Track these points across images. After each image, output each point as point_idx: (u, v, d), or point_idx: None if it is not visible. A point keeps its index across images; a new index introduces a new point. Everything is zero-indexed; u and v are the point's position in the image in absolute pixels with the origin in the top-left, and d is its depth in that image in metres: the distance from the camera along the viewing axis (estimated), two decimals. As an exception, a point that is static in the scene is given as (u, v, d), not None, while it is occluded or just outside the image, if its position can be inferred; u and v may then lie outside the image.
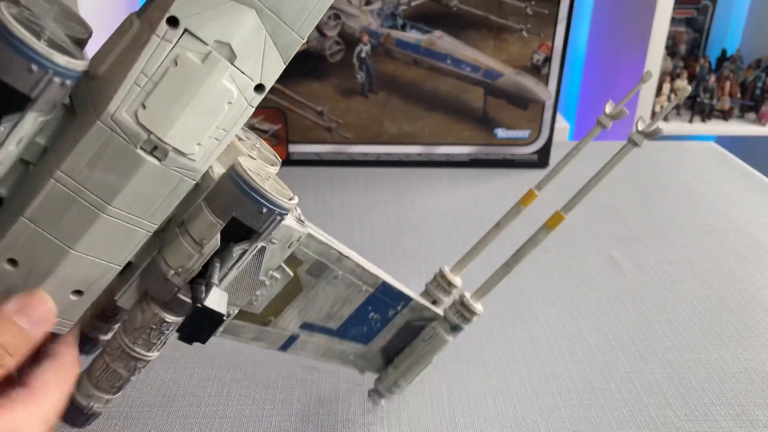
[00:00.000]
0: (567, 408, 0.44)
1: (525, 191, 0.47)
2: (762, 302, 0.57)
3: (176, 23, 0.23)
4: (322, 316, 0.38)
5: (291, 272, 0.33)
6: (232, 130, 0.26)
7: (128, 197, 0.25)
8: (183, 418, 0.43)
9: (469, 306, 0.41)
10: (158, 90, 0.24)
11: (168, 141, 0.24)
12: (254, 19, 0.24)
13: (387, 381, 0.43)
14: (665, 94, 1.67)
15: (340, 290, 0.37)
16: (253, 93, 0.25)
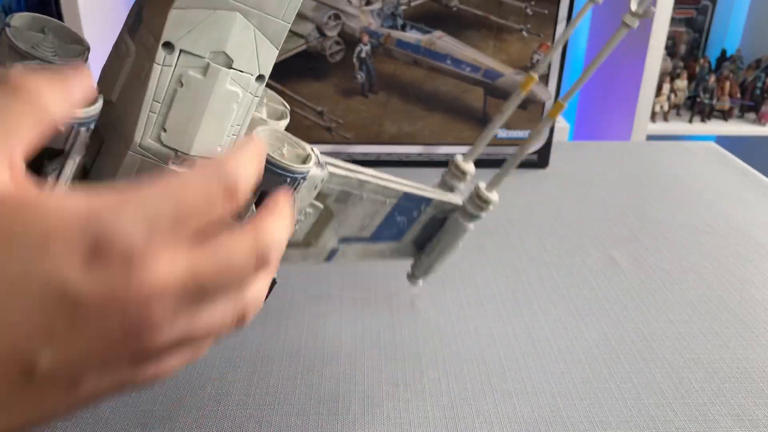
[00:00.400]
0: (567, 408, 0.44)
1: (525, 191, 0.47)
2: (762, 302, 0.57)
3: (172, 47, 0.25)
4: (355, 229, 0.43)
5: (321, 205, 0.38)
6: (245, 122, 0.29)
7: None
8: (183, 418, 0.43)
9: (484, 197, 0.46)
10: (173, 112, 0.27)
11: (193, 154, 0.27)
12: (240, 21, 0.26)
13: (421, 266, 0.50)
14: (665, 94, 1.67)
15: (367, 208, 0.42)
16: (256, 84, 0.28)
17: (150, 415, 0.43)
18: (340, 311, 0.55)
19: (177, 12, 0.24)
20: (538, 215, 0.72)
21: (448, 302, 0.56)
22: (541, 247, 0.66)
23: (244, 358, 0.49)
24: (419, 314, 0.54)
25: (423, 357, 0.49)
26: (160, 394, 0.45)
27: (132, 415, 0.43)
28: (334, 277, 0.60)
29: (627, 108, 1.61)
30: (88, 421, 0.43)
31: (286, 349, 0.50)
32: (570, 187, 0.80)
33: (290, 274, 0.60)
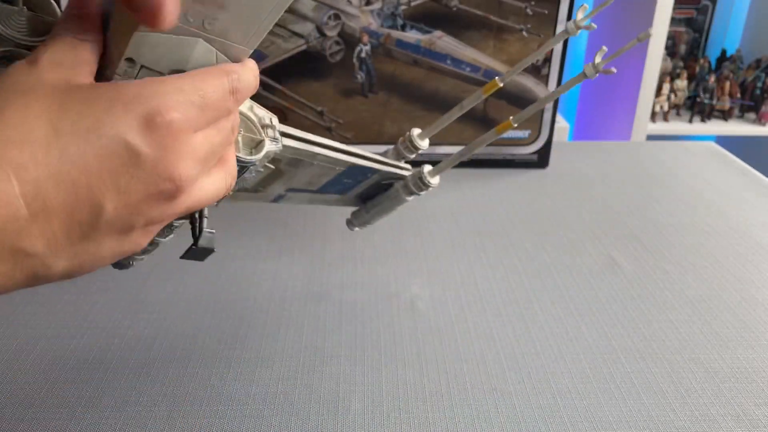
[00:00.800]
0: (567, 408, 0.44)
1: (525, 191, 0.47)
2: (762, 302, 0.57)
3: (133, 62, 0.27)
4: (303, 184, 0.46)
5: (273, 166, 0.41)
6: None
7: None
8: (182, 418, 0.43)
9: (425, 180, 0.51)
10: None
11: None
12: (202, 45, 0.27)
13: (360, 218, 0.55)
14: (665, 94, 1.67)
15: (316, 170, 0.45)
16: None
17: (150, 415, 0.43)
18: (340, 311, 0.55)
19: (139, 35, 0.26)
20: (538, 215, 0.72)
21: (448, 302, 0.56)
22: (541, 247, 0.66)
23: (244, 358, 0.49)
24: (419, 314, 0.54)
25: (423, 357, 0.49)
26: (160, 394, 0.45)
27: (132, 415, 0.43)
28: (334, 276, 0.60)
29: (627, 108, 1.61)
30: (88, 421, 0.43)
31: (285, 350, 0.50)
32: (570, 187, 0.80)
33: (290, 274, 0.60)
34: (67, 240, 0.25)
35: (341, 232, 0.68)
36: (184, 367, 0.48)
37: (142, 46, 0.27)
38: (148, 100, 0.25)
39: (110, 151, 0.25)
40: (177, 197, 0.28)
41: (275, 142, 0.37)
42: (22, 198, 0.23)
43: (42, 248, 0.25)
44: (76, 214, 0.25)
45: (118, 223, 0.26)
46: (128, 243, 0.28)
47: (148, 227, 0.28)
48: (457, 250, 0.65)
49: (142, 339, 0.51)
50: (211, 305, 0.55)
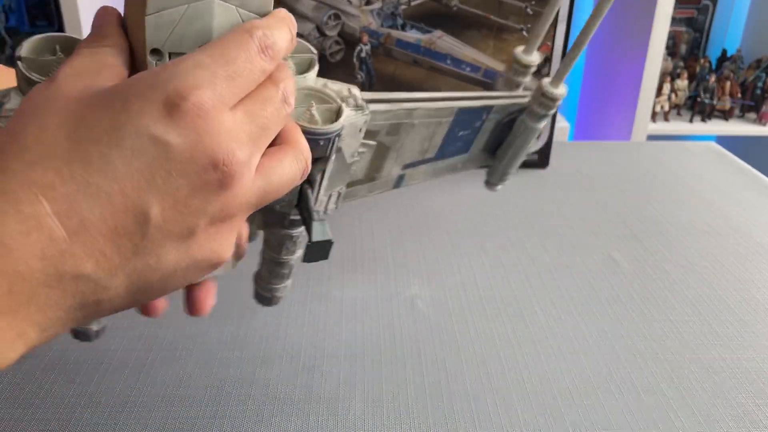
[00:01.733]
0: (567, 408, 0.44)
1: (525, 191, 0.47)
2: (762, 302, 0.57)
3: (159, 52, 0.25)
4: (417, 154, 0.42)
5: (373, 142, 0.38)
6: None
7: None
8: (183, 418, 0.43)
9: (550, 94, 0.43)
10: None
11: None
12: (219, 5, 0.25)
13: (496, 173, 0.49)
14: (665, 94, 1.67)
15: (422, 132, 0.40)
16: None
17: (150, 415, 0.43)
18: (340, 311, 0.55)
19: (151, 18, 0.25)
20: (538, 215, 0.72)
21: (448, 302, 0.56)
22: (541, 247, 0.66)
23: (244, 358, 0.49)
24: (419, 314, 0.54)
25: (423, 357, 0.49)
26: (160, 394, 0.45)
27: (132, 415, 0.43)
28: (334, 276, 0.60)
29: (627, 108, 1.61)
30: (88, 421, 0.43)
31: (286, 349, 0.50)
32: (570, 187, 0.80)
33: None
34: (119, 256, 0.23)
35: (341, 231, 0.68)
36: (184, 367, 0.48)
37: (159, 31, 0.25)
38: (166, 84, 0.23)
39: (135, 149, 0.22)
40: (231, 185, 0.24)
41: (360, 110, 0.34)
42: (56, 217, 0.21)
43: (92, 269, 0.22)
44: (120, 226, 0.23)
45: (172, 228, 0.24)
46: (197, 249, 0.25)
47: (215, 226, 0.25)
48: (457, 250, 0.65)
49: (142, 339, 0.51)
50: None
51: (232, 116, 0.24)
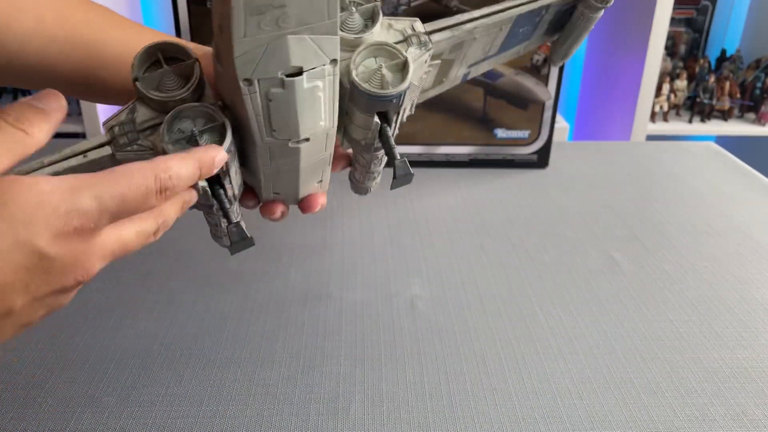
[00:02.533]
0: (567, 408, 0.44)
1: (525, 191, 0.47)
2: (761, 302, 0.57)
3: (249, 80, 0.29)
4: (480, 55, 0.45)
5: (438, 61, 0.41)
6: (335, 93, 0.34)
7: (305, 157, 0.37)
8: (183, 417, 0.43)
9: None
10: (273, 118, 0.32)
11: (302, 137, 0.34)
12: (292, 39, 0.28)
13: (557, 55, 0.52)
14: (665, 94, 1.67)
15: (483, 41, 0.43)
16: (330, 67, 0.31)
17: (150, 415, 0.43)
18: (340, 311, 0.55)
19: (239, 59, 0.28)
20: (538, 215, 0.72)
21: (448, 302, 0.56)
22: (541, 247, 0.66)
23: (244, 358, 0.49)
24: (419, 314, 0.54)
25: (423, 357, 0.49)
26: (160, 394, 0.45)
27: (132, 415, 0.43)
28: (334, 276, 0.60)
29: (627, 108, 1.61)
30: (88, 421, 0.43)
31: (286, 349, 0.50)
32: (570, 187, 0.80)
33: (290, 274, 0.60)
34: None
35: (342, 231, 0.68)
36: (184, 367, 0.48)
37: (246, 66, 0.29)
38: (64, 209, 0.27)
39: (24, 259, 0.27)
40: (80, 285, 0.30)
41: (424, 46, 0.38)
42: None
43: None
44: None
45: (24, 318, 0.29)
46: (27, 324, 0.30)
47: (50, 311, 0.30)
48: (457, 250, 0.65)
49: (142, 339, 0.51)
50: (211, 305, 0.55)
51: (107, 238, 0.30)
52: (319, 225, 0.69)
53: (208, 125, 0.33)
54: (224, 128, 0.34)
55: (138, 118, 0.34)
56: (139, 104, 0.34)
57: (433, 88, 0.45)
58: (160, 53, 0.34)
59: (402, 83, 0.35)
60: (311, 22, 0.28)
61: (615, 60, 1.67)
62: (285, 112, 0.32)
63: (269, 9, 0.26)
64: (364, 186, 0.50)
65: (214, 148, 0.33)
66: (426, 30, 0.39)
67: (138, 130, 0.34)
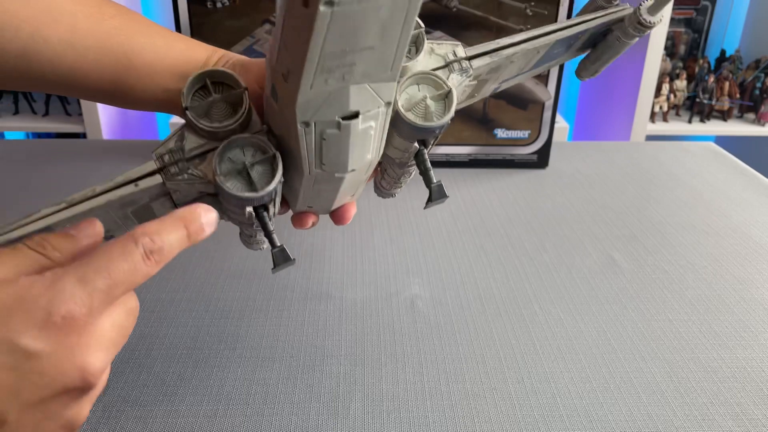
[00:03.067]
0: (567, 408, 0.45)
1: (525, 191, 0.47)
2: (761, 302, 0.57)
3: (308, 123, 0.30)
4: (514, 72, 0.46)
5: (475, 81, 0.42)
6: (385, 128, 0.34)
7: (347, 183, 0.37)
8: (183, 417, 0.43)
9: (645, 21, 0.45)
10: (324, 154, 0.33)
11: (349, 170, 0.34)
12: (354, 89, 0.29)
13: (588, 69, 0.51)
14: (664, 94, 1.67)
15: (520, 62, 0.44)
16: (385, 110, 0.32)
17: (150, 415, 0.43)
18: (341, 310, 0.55)
19: (300, 104, 0.28)
20: (538, 215, 0.72)
21: (448, 302, 0.56)
22: (541, 247, 0.66)
23: (244, 358, 0.49)
24: (419, 314, 0.54)
25: (423, 357, 0.49)
26: (161, 394, 0.45)
27: (132, 415, 0.43)
28: (334, 276, 0.60)
29: (626, 108, 1.61)
30: (89, 420, 0.43)
31: (286, 349, 0.50)
32: (570, 187, 0.80)
33: (290, 274, 0.60)
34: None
35: (342, 231, 0.68)
36: (184, 367, 0.48)
37: (306, 112, 0.29)
38: (47, 302, 0.25)
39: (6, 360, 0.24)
40: (89, 390, 0.26)
41: (465, 72, 0.38)
42: None
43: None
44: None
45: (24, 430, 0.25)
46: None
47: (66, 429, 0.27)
48: (457, 250, 0.65)
49: (143, 339, 0.51)
50: (211, 305, 0.55)
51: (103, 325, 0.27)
52: (319, 225, 0.69)
53: (259, 158, 0.34)
54: (275, 159, 0.34)
55: (187, 146, 0.34)
56: (188, 131, 0.34)
57: (464, 102, 0.46)
58: (208, 79, 0.34)
59: (446, 115, 0.35)
60: (374, 75, 0.29)
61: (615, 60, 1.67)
62: (336, 149, 0.32)
63: (340, 67, 0.27)
64: (390, 192, 0.50)
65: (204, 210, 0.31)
66: (467, 55, 0.39)
67: (187, 158, 0.34)
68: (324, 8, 0.23)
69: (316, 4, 0.23)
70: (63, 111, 1.57)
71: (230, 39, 0.76)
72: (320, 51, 0.25)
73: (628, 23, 0.45)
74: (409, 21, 0.26)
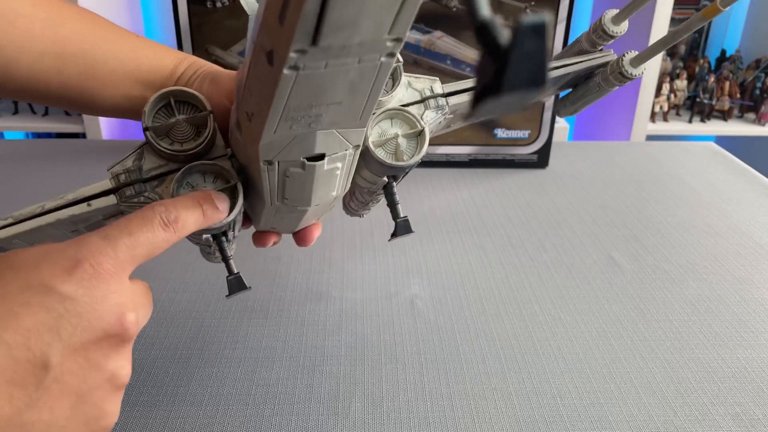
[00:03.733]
0: (567, 408, 0.44)
1: (525, 191, 0.47)
2: (761, 302, 0.57)
3: (271, 162, 0.29)
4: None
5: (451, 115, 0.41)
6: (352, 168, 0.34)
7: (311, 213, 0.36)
8: (183, 417, 0.43)
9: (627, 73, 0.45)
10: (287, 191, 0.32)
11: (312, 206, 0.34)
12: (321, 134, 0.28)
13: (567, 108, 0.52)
14: (665, 94, 1.67)
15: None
16: (353, 151, 0.31)
17: (150, 415, 0.43)
18: (341, 311, 0.55)
19: (263, 146, 0.28)
20: (538, 215, 0.72)
21: (448, 302, 0.56)
22: (541, 247, 0.66)
23: (244, 358, 0.49)
24: (419, 314, 0.54)
25: (423, 357, 0.49)
26: (161, 394, 0.45)
27: (132, 415, 0.43)
28: (334, 276, 0.60)
29: (626, 108, 1.61)
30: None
31: (286, 349, 0.50)
32: (570, 187, 0.80)
33: (290, 274, 0.60)
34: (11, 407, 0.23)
35: (341, 232, 0.68)
36: (184, 367, 0.48)
37: (269, 151, 0.28)
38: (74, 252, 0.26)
39: (43, 305, 0.24)
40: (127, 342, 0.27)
41: (441, 110, 0.38)
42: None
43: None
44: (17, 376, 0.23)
45: (70, 380, 0.25)
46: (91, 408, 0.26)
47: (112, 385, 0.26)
48: (457, 250, 0.65)
49: (142, 339, 0.51)
50: (211, 305, 0.55)
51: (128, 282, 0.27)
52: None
53: (220, 186, 0.33)
54: (236, 189, 0.33)
55: (145, 166, 0.33)
56: (147, 151, 0.33)
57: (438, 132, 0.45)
58: (172, 98, 0.33)
59: (416, 154, 0.35)
60: (342, 123, 0.28)
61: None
62: (300, 187, 0.32)
63: (306, 117, 0.26)
64: (358, 213, 0.50)
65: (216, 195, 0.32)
66: (444, 92, 0.38)
67: (144, 179, 0.33)
68: (288, 72, 0.22)
69: (280, 67, 0.21)
70: (63, 111, 1.57)
71: (229, 39, 0.76)
72: (284, 104, 0.24)
73: (610, 71, 0.45)
74: (380, 79, 0.25)
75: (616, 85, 0.46)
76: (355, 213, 0.50)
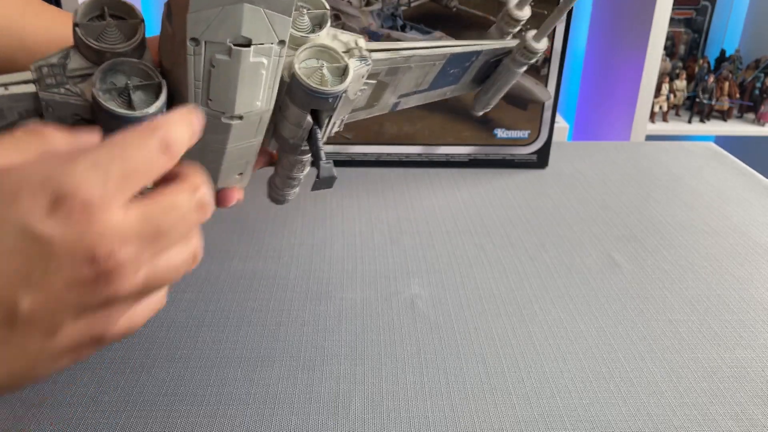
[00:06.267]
0: (567, 408, 0.45)
1: (525, 191, 0.48)
2: (761, 302, 0.57)
3: (197, 40, 0.29)
4: (412, 87, 0.48)
5: (374, 81, 0.44)
6: (277, 76, 0.34)
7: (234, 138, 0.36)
8: (183, 417, 0.43)
9: (531, 48, 0.49)
10: (212, 87, 0.32)
11: (236, 113, 0.34)
12: (248, 8, 0.29)
13: (481, 102, 0.56)
14: (664, 94, 1.67)
15: (417, 72, 0.46)
16: (278, 48, 0.32)
17: (150, 415, 0.43)
18: (340, 311, 0.55)
19: (192, 15, 0.28)
20: (537, 215, 0.72)
21: (448, 302, 0.56)
22: (541, 247, 0.66)
23: (244, 358, 0.49)
24: (419, 313, 0.54)
25: (423, 357, 0.49)
26: (161, 394, 0.45)
27: (132, 414, 0.43)
28: (334, 276, 0.60)
29: (626, 108, 1.61)
30: (88, 421, 0.43)
31: (286, 349, 0.50)
32: (569, 187, 0.80)
33: (290, 273, 0.60)
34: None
35: (341, 231, 0.68)
36: (184, 367, 0.48)
37: (197, 25, 0.29)
38: (58, 183, 0.23)
39: (16, 248, 0.23)
40: (109, 281, 0.24)
41: (364, 60, 0.39)
42: None
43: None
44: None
45: (40, 321, 0.24)
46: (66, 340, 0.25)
47: (83, 319, 0.25)
48: (457, 250, 0.65)
49: (142, 339, 0.51)
50: (211, 305, 0.55)
51: (123, 214, 0.24)
52: (319, 225, 0.69)
53: (143, 83, 0.32)
54: (160, 88, 0.32)
55: (70, 65, 0.32)
56: (74, 52, 0.33)
57: (363, 110, 0.47)
58: (106, 7, 0.33)
59: (341, 84, 0.36)
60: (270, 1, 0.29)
61: (614, 60, 1.67)
62: (225, 81, 0.32)
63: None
64: (282, 193, 0.51)
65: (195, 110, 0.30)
66: (368, 48, 0.40)
67: (68, 76, 0.32)
68: None
69: None
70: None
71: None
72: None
73: (516, 50, 0.50)
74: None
75: (523, 64, 0.50)
76: (280, 194, 0.50)
